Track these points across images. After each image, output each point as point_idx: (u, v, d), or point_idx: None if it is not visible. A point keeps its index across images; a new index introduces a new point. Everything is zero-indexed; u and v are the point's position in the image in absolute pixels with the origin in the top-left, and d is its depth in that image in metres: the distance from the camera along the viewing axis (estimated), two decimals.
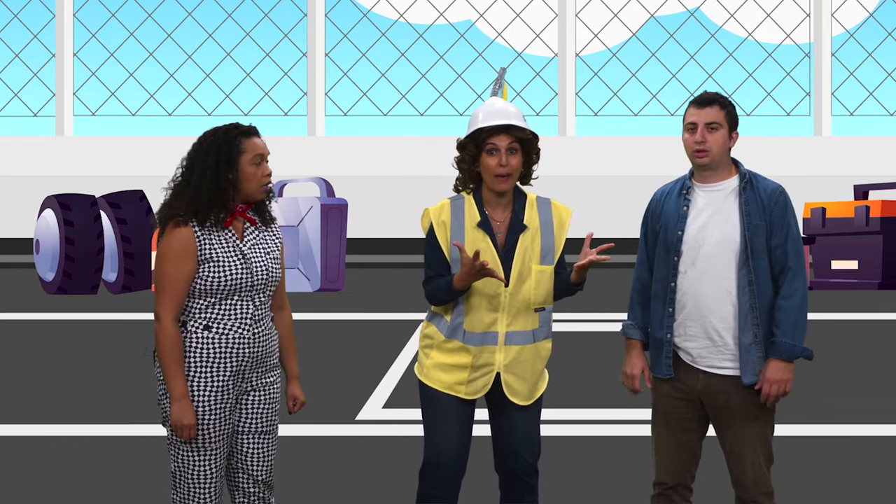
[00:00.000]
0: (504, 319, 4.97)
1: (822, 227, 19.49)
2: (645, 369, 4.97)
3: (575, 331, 13.49)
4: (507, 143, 4.95)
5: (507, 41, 28.01)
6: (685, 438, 4.95)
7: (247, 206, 4.75)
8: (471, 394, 5.01)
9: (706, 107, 4.83)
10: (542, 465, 6.18)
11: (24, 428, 8.61)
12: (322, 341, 12.86)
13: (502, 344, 4.98)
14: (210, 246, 4.62)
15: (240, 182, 4.67)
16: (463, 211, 5.02)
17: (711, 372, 4.87)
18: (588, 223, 25.56)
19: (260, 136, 4.76)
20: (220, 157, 4.65)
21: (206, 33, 28.07)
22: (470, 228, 4.99)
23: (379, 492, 6.83)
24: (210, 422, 4.68)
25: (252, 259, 4.70)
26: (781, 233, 4.82)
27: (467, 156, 5.01)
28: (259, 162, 4.71)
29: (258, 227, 4.80)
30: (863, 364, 11.32)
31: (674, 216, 4.88)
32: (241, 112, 27.91)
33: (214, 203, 4.64)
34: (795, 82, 27.74)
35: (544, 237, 5.01)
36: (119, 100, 28.05)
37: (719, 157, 4.85)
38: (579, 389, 10.02)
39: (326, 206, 18.66)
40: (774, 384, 4.81)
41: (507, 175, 4.95)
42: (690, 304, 4.84)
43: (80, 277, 18.28)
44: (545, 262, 5.00)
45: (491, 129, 4.95)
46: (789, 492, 6.76)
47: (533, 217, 5.02)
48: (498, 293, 4.94)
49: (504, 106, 5.04)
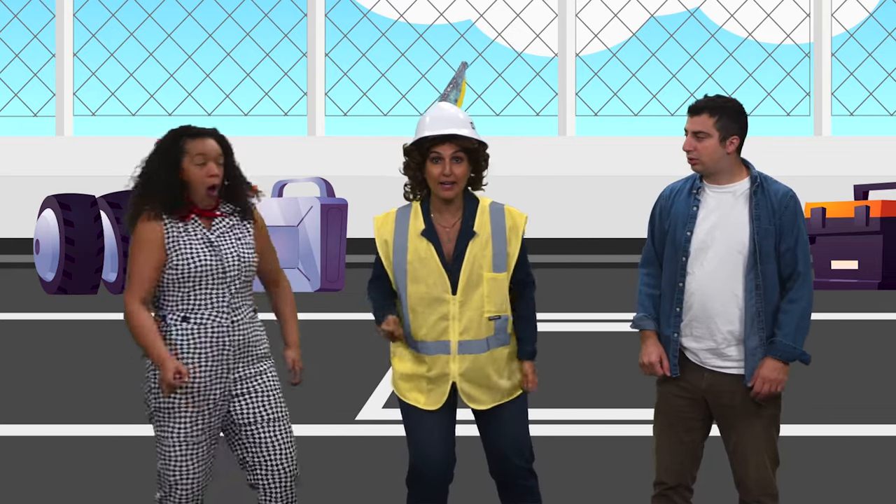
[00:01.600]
0: (456, 328, 4.88)
1: (822, 227, 19.48)
2: (663, 356, 4.91)
3: (575, 331, 13.48)
4: (451, 152, 4.87)
5: (507, 41, 28.00)
6: (688, 438, 4.93)
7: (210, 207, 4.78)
8: (431, 404, 4.95)
9: (695, 115, 4.81)
10: (542, 465, 6.16)
11: (24, 428, 8.61)
12: (322, 341, 12.86)
13: (455, 353, 4.89)
14: (177, 234, 4.71)
15: (187, 184, 4.73)
16: (408, 220, 4.95)
17: (717, 371, 4.86)
18: (588, 223, 25.57)
19: (215, 138, 4.76)
20: (164, 159, 4.73)
21: (206, 33, 28.07)
22: (414, 237, 4.91)
23: (379, 492, 6.83)
24: (195, 413, 4.71)
25: (221, 245, 4.74)
26: (791, 237, 4.80)
27: (413, 162, 4.94)
28: (202, 163, 4.72)
29: (229, 217, 4.82)
30: (863, 364, 11.32)
31: (683, 216, 4.86)
32: (241, 112, 27.91)
33: (167, 199, 4.72)
34: (795, 82, 27.74)
35: (496, 244, 4.90)
36: (119, 100, 28.06)
37: (712, 164, 4.82)
38: (580, 389, 10.01)
39: (326, 206, 18.66)
40: (767, 382, 4.80)
41: (452, 183, 4.86)
42: (697, 305, 4.83)
43: (80, 277, 18.28)
44: (497, 270, 4.89)
45: (435, 137, 4.87)
46: (789, 492, 6.76)
47: (484, 223, 4.92)
48: (445, 300, 4.86)
49: (451, 112, 4.96)
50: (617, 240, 24.71)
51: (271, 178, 24.17)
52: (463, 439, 5.47)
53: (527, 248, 5.00)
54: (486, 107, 27.53)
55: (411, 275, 4.89)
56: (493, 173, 5.16)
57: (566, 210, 25.29)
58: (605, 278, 20.72)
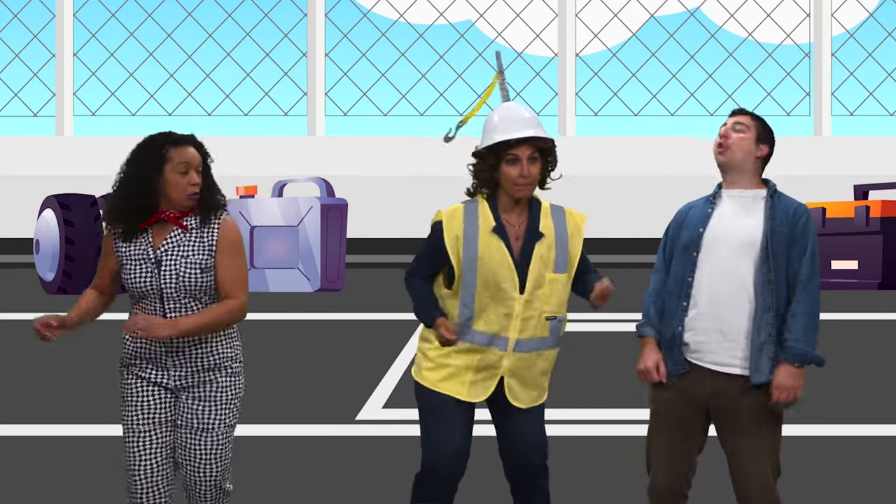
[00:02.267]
0: (516, 326, 4.93)
1: (822, 227, 19.49)
2: (659, 362, 4.93)
3: (580, 331, 13.48)
4: (528, 154, 4.91)
5: (507, 41, 28.00)
6: (687, 445, 4.91)
7: (181, 213, 4.83)
8: (473, 396, 4.97)
9: (737, 115, 4.97)
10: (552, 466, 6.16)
11: (24, 428, 8.61)
12: (322, 341, 12.86)
13: (511, 350, 4.95)
14: (125, 249, 4.86)
15: (166, 190, 4.78)
16: (477, 216, 4.97)
17: (719, 371, 4.84)
18: (588, 223, 25.56)
19: (196, 146, 4.82)
20: (144, 165, 4.79)
21: (206, 33, 28.08)
22: (485, 233, 4.94)
23: (379, 492, 6.83)
24: (138, 403, 4.88)
25: (163, 263, 4.80)
26: (802, 244, 4.85)
27: (486, 165, 4.96)
28: (184, 171, 4.77)
29: (188, 231, 4.84)
30: (863, 364, 11.32)
31: (698, 217, 4.93)
32: (241, 112, 27.90)
33: (139, 210, 4.80)
34: (795, 82, 27.75)
35: (559, 245, 4.97)
36: (119, 100, 28.06)
37: (739, 156, 4.89)
38: (583, 389, 10.01)
39: (326, 206, 18.66)
40: (784, 391, 4.80)
41: (529, 184, 4.92)
42: (704, 300, 4.83)
43: (80, 277, 18.28)
44: (559, 271, 4.97)
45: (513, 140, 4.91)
46: (789, 492, 6.76)
47: (548, 225, 4.98)
48: (512, 299, 4.91)
49: (522, 113, 4.98)
50: (617, 240, 24.71)
51: (271, 178, 24.23)
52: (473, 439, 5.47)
53: (586, 253, 5.12)
54: (486, 107, 27.52)
55: (481, 269, 4.91)
56: None
57: None
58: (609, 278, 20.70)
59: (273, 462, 7.54)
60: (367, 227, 25.56)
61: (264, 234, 18.97)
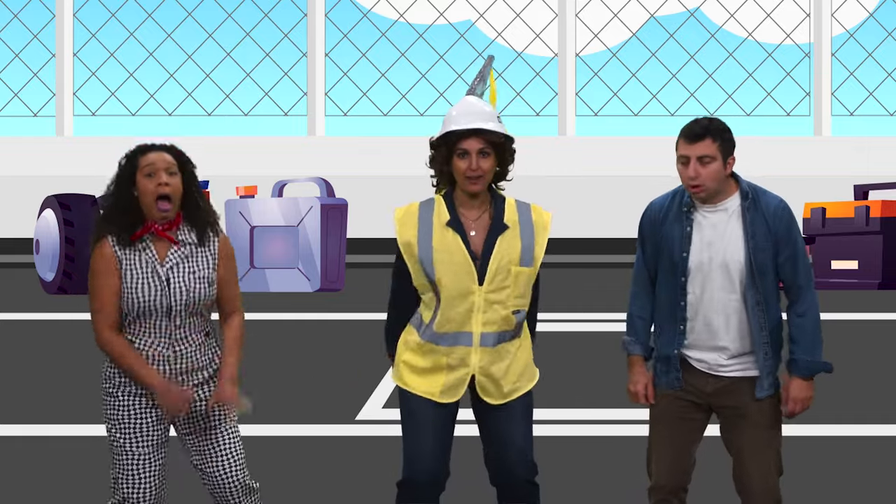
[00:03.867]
0: (479, 319, 4.88)
1: (822, 227, 19.48)
2: (648, 384, 4.92)
3: (577, 331, 13.48)
4: (478, 147, 4.85)
5: (507, 41, 28.00)
6: (688, 441, 4.90)
7: (167, 226, 4.73)
8: (447, 397, 4.94)
9: (697, 141, 4.69)
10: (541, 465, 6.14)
11: (24, 428, 8.61)
12: (322, 341, 12.86)
13: (477, 345, 4.90)
14: (127, 264, 4.69)
15: (141, 199, 4.70)
16: (431, 212, 4.94)
17: (723, 375, 4.83)
18: (588, 223, 25.56)
19: (171, 151, 4.73)
20: (121, 175, 4.75)
21: (206, 33, 28.07)
22: (439, 228, 4.91)
23: (378, 492, 6.83)
24: (136, 426, 4.77)
25: (171, 279, 4.71)
26: (788, 248, 4.77)
27: (439, 156, 4.93)
28: (150, 173, 4.69)
29: (186, 246, 4.76)
30: (863, 364, 11.31)
31: (677, 237, 4.80)
32: (241, 112, 27.90)
33: (123, 221, 4.70)
34: (795, 82, 27.74)
35: (524, 238, 4.91)
36: (119, 100, 28.05)
37: (715, 187, 4.75)
38: (580, 389, 10.01)
39: (326, 206, 18.66)
40: (799, 402, 4.81)
41: (479, 177, 4.86)
42: (700, 324, 4.80)
43: (80, 277, 18.27)
44: (524, 264, 4.90)
45: (462, 132, 4.86)
46: (789, 492, 6.76)
47: (513, 218, 4.93)
48: (472, 291, 4.86)
49: (478, 106, 4.94)
50: (617, 240, 24.72)
51: (271, 178, 24.21)
52: (460, 439, 5.47)
53: None
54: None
55: (438, 265, 4.88)
56: None
57: (566, 210, 25.28)
58: (605, 278, 20.71)
59: (273, 462, 7.54)
60: (367, 227, 25.55)
61: (264, 234, 18.97)
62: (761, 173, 26.41)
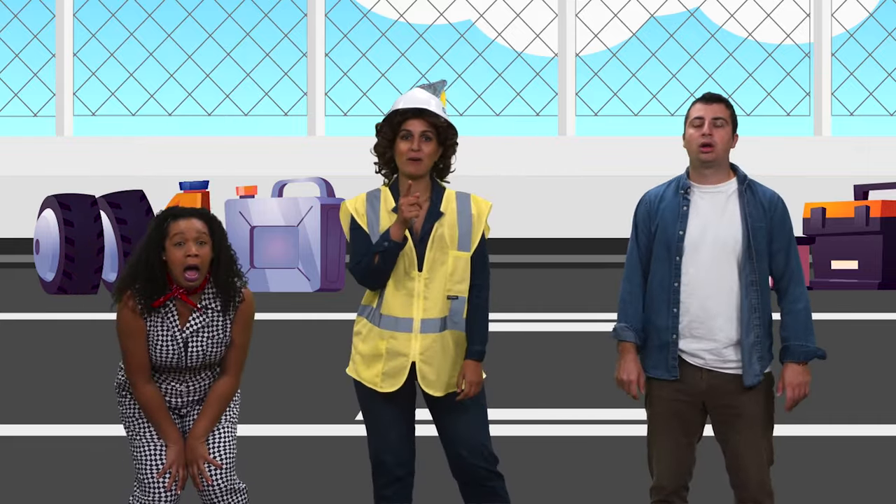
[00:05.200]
0: (420, 305, 4.93)
1: (822, 227, 19.48)
2: (640, 374, 4.93)
3: (576, 331, 13.48)
4: (421, 129, 4.95)
5: (507, 41, 28.00)
6: (686, 440, 4.93)
7: (192, 291, 4.75)
8: (388, 386, 4.97)
9: (713, 103, 4.84)
10: (535, 466, 6.15)
11: (24, 428, 8.61)
12: (322, 341, 12.86)
13: (417, 331, 4.94)
14: (151, 325, 4.75)
15: (169, 266, 4.72)
16: (379, 200, 5.03)
17: (716, 371, 4.85)
18: (587, 223, 25.56)
19: (193, 218, 4.73)
20: (149, 241, 4.73)
21: (206, 33, 28.07)
22: (385, 214, 4.99)
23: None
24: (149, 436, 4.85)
25: (191, 344, 4.76)
26: (783, 237, 4.82)
27: (384, 139, 5.00)
28: (179, 242, 4.69)
29: (208, 312, 4.78)
30: (863, 364, 11.31)
31: (672, 215, 4.84)
32: (241, 112, 27.90)
33: (148, 287, 4.72)
34: (795, 82, 27.74)
35: (462, 224, 4.98)
36: (119, 100, 28.05)
37: (723, 153, 4.84)
38: (580, 389, 10.01)
39: (326, 206, 18.65)
40: (796, 388, 4.82)
41: (419, 159, 4.93)
42: (696, 306, 4.82)
43: (80, 277, 18.27)
44: (462, 249, 4.97)
45: (406, 112, 4.94)
46: (789, 492, 6.76)
47: (450, 205, 5.00)
48: (412, 277, 4.93)
49: (425, 96, 5.05)
50: (617, 240, 24.70)
51: (271, 178, 24.19)
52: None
53: (486, 247, 5.02)
54: (486, 107, 27.52)
55: None
56: (493, 173, 5.16)
57: (566, 210, 25.29)
58: (605, 278, 20.72)
59: (273, 462, 7.54)
60: None
61: (264, 234, 18.97)
62: (761, 173, 26.35)
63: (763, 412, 4.87)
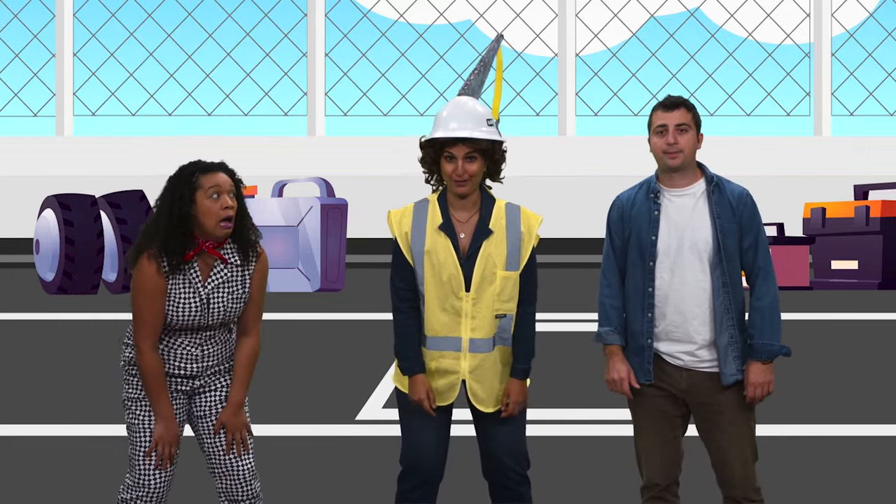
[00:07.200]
0: (467, 325, 4.89)
1: (822, 227, 19.48)
2: (629, 372, 4.95)
3: (576, 331, 13.49)
4: (464, 153, 4.87)
5: (508, 41, 28.00)
6: (672, 436, 4.98)
7: (217, 244, 4.76)
8: (439, 401, 4.96)
9: (674, 110, 4.87)
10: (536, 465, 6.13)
11: (23, 428, 8.61)
12: (322, 341, 12.86)
13: (466, 350, 4.91)
14: (173, 284, 4.73)
15: (200, 218, 4.71)
16: (426, 214, 4.96)
17: (695, 370, 4.89)
18: (587, 223, 25.56)
19: (226, 172, 4.75)
20: (177, 194, 4.71)
21: (206, 33, 28.08)
22: (431, 231, 4.92)
23: (379, 492, 6.83)
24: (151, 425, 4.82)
25: (211, 300, 4.76)
26: (752, 234, 4.88)
27: (427, 157, 4.95)
28: (215, 194, 4.70)
29: (231, 265, 4.80)
30: (863, 364, 11.31)
31: (644, 220, 4.88)
32: (241, 112, 27.91)
33: (177, 241, 4.70)
34: (795, 82, 27.75)
35: (510, 243, 4.91)
36: (119, 100, 28.06)
37: (690, 157, 4.89)
38: (580, 389, 10.01)
39: (326, 206, 18.66)
40: (758, 387, 4.86)
41: (465, 181, 4.87)
42: (672, 310, 4.86)
43: (80, 277, 18.28)
44: (510, 268, 4.90)
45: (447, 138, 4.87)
46: (790, 492, 6.76)
47: (499, 222, 4.93)
48: (459, 297, 4.88)
49: (467, 109, 4.95)
50: None
51: (271, 178, 24.21)
52: (457, 439, 5.48)
53: (535, 258, 4.97)
54: (486, 107, 27.55)
55: (428, 268, 4.89)
56: None
57: (566, 210, 25.29)
58: (595, 278, 20.72)
59: (273, 462, 7.54)
60: (367, 227, 25.56)
61: (264, 234, 18.92)
62: (761, 173, 26.41)
63: (744, 409, 4.91)
